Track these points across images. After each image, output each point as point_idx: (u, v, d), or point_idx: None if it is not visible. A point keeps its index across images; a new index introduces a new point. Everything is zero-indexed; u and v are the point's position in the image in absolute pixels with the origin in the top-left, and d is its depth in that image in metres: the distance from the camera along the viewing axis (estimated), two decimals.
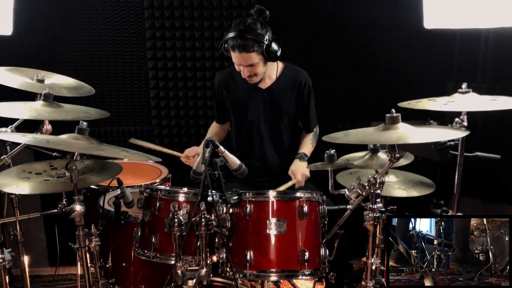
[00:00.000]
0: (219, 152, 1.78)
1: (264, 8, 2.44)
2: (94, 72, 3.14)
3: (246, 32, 2.35)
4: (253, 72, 2.44)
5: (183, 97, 3.19)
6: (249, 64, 2.39)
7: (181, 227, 1.71)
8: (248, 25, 2.38)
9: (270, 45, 2.38)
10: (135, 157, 1.74)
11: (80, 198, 1.87)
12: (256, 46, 2.35)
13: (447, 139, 1.66)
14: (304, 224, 1.77)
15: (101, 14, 3.06)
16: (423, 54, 3.12)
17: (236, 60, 2.43)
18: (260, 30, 2.38)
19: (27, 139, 1.63)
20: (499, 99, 1.82)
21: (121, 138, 3.25)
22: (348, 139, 1.69)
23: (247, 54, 2.36)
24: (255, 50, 2.36)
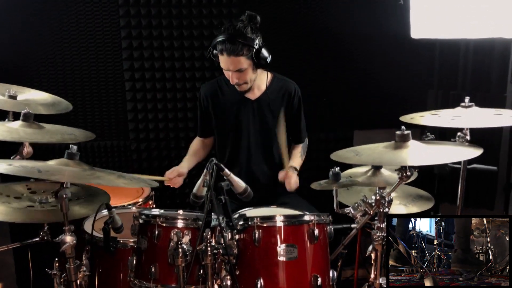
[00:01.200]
0: (224, 176, 1.68)
1: (255, 14, 2.36)
2: (66, 86, 2.96)
3: (236, 35, 2.27)
4: (241, 78, 2.35)
5: (162, 109, 3.06)
6: (238, 69, 2.30)
7: (186, 258, 1.60)
8: (238, 29, 2.30)
9: (260, 50, 2.30)
10: (133, 183, 1.61)
11: (71, 228, 1.72)
12: (245, 50, 2.27)
13: (463, 159, 1.62)
14: (315, 248, 1.70)
15: (74, 25, 2.89)
16: (406, 64, 3.12)
17: (225, 65, 2.34)
18: (250, 34, 2.30)
19: (15, 169, 1.47)
20: (504, 113, 1.81)
21: (96, 154, 3.08)
22: (360, 159, 1.63)
23: (236, 58, 2.27)
24: (245, 54, 2.27)
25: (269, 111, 2.53)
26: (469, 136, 1.88)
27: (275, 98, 2.54)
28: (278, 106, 2.54)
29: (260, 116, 2.54)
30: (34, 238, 2.12)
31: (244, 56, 2.28)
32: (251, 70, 2.35)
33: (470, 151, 1.62)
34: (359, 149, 1.71)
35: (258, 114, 2.53)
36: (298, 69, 3.07)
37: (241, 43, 2.25)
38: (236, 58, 2.27)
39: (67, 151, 1.69)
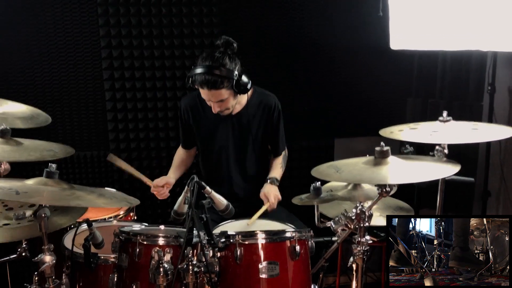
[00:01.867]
0: (206, 193, 1.68)
1: (232, 40, 2.33)
2: (45, 97, 2.92)
3: (214, 68, 2.23)
4: (223, 106, 2.35)
5: (142, 118, 3.04)
6: (219, 100, 2.29)
7: (167, 277, 1.59)
8: (216, 59, 2.26)
9: (239, 79, 2.28)
10: (113, 203, 1.60)
11: (51, 248, 1.70)
12: (225, 82, 2.25)
13: (442, 176, 1.65)
14: (297, 264, 1.71)
15: (52, 35, 2.86)
16: (385, 73, 3.16)
17: (206, 96, 2.33)
18: (229, 64, 2.27)
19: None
20: (479, 127, 1.84)
21: (76, 164, 3.04)
22: (340, 177, 1.64)
23: (216, 91, 2.26)
24: (225, 86, 2.26)
25: (248, 125, 2.52)
26: (447, 150, 1.91)
27: (255, 113, 2.54)
28: (257, 121, 2.54)
29: (239, 130, 2.53)
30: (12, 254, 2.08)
31: (224, 88, 2.26)
32: (232, 98, 2.34)
33: (448, 168, 1.65)
34: (339, 165, 1.73)
35: (238, 129, 2.53)
36: (278, 78, 3.10)
37: (220, 76, 2.23)
38: (217, 91, 2.26)
39: (46, 169, 1.67)
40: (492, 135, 1.77)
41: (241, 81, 2.29)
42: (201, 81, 2.25)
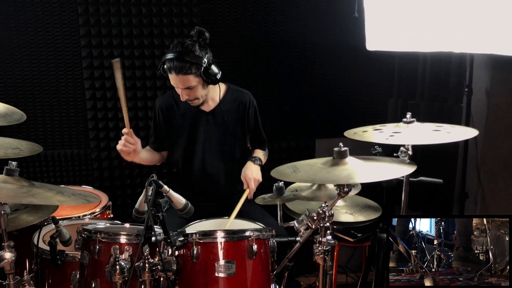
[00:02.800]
0: (163, 192, 1.69)
1: (204, 30, 2.37)
2: (26, 94, 2.94)
3: (183, 54, 2.27)
4: (191, 95, 2.36)
5: (133, 117, 3.05)
6: (186, 86, 2.31)
7: (123, 274, 1.60)
8: (186, 46, 2.30)
9: (209, 68, 2.31)
10: (71, 201, 1.61)
11: (11, 244, 1.72)
12: (193, 68, 2.28)
13: (397, 176, 1.65)
14: (254, 263, 1.71)
15: (32, 32, 2.87)
16: (366, 74, 3.16)
17: (174, 82, 2.35)
18: (198, 52, 2.30)
19: None
20: (442, 129, 1.84)
21: (56, 162, 3.07)
22: (296, 177, 1.64)
23: (184, 76, 2.28)
24: (193, 73, 2.28)
25: (224, 122, 2.54)
26: (411, 151, 1.91)
27: (230, 110, 2.55)
28: (232, 118, 2.56)
29: (215, 128, 2.55)
30: None
31: (192, 75, 2.28)
32: (201, 87, 2.36)
33: (403, 168, 1.65)
34: (298, 165, 1.73)
35: (213, 126, 2.55)
36: (258, 79, 3.11)
37: (188, 61, 2.26)
38: (185, 77, 2.28)
39: (6, 167, 1.69)
40: (453, 137, 1.77)
41: (210, 70, 2.31)
42: (170, 66, 2.29)
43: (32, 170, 3.03)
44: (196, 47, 2.31)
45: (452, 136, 1.78)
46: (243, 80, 2.94)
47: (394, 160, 1.78)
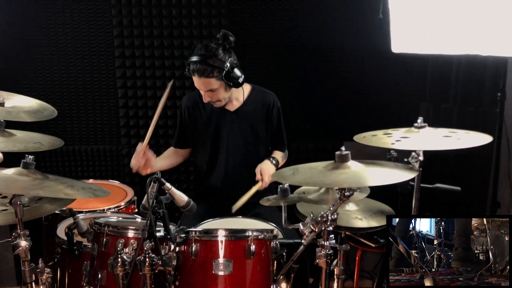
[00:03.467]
0: (166, 189, 1.75)
1: (229, 33, 2.41)
2: (62, 90, 3.10)
3: (206, 57, 2.32)
4: (214, 98, 2.41)
5: (152, 116, 3.13)
6: (208, 89, 2.36)
7: (125, 267, 1.67)
8: (210, 49, 2.35)
9: (231, 71, 2.34)
10: (79, 194, 1.69)
11: (26, 233, 1.83)
12: (215, 71, 2.32)
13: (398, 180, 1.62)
14: (252, 263, 1.73)
15: (69, 33, 3.02)
16: (397, 76, 3.09)
17: (197, 84, 2.41)
18: (221, 55, 2.35)
19: None
20: (454, 135, 1.78)
21: (90, 157, 3.21)
22: (293, 179, 1.64)
23: (206, 79, 2.33)
24: (215, 76, 2.33)
25: (247, 122, 2.58)
26: (422, 157, 1.86)
27: (254, 110, 2.59)
28: (256, 118, 2.59)
29: (238, 127, 2.59)
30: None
31: (214, 78, 2.33)
32: (223, 90, 2.40)
33: (404, 174, 1.62)
34: (299, 168, 1.74)
35: (237, 126, 2.59)
36: (285, 81, 3.12)
37: (211, 65, 2.30)
38: (207, 79, 2.33)
39: (23, 160, 1.79)
40: (462, 143, 1.71)
41: (232, 73, 2.35)
42: (193, 69, 2.35)
43: (68, 164, 3.18)
44: (219, 50, 2.36)
45: (462, 143, 1.71)
46: (270, 81, 2.95)
47: (398, 165, 1.74)
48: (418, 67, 3.11)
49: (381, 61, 3.01)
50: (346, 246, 2.19)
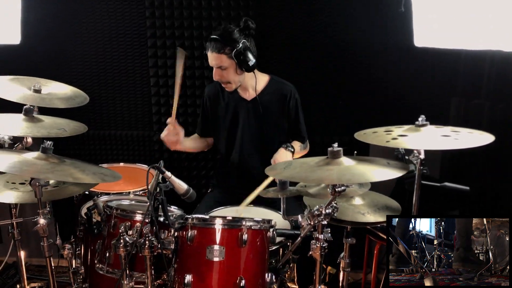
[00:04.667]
0: (166, 178, 1.85)
1: (251, 21, 2.48)
2: (100, 79, 3.29)
3: (221, 34, 2.43)
4: (224, 77, 2.48)
5: (182, 104, 3.27)
6: (219, 66, 2.44)
7: (127, 248, 1.79)
8: (227, 29, 2.45)
9: (242, 52, 2.41)
10: (88, 179, 1.83)
11: (45, 212, 2.00)
12: (227, 49, 2.40)
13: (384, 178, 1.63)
14: (244, 251, 1.80)
15: (106, 24, 3.19)
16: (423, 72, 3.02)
17: (209, 60, 2.50)
18: (236, 35, 2.43)
19: None
20: (453, 135, 1.76)
21: (124, 142, 3.40)
22: (283, 174, 1.70)
23: (217, 54, 2.42)
24: (226, 53, 2.41)
25: (265, 112, 2.63)
26: (423, 156, 1.86)
27: (270, 100, 2.63)
28: (272, 109, 2.64)
29: (254, 116, 2.65)
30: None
31: (225, 55, 2.42)
32: (233, 71, 2.47)
33: (391, 172, 1.62)
34: (294, 162, 1.78)
35: (253, 115, 2.65)
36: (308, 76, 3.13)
37: (224, 41, 2.39)
38: (218, 55, 2.42)
39: (42, 145, 1.95)
40: (459, 144, 1.69)
41: (244, 55, 2.42)
42: (208, 45, 2.47)
43: (99, 147, 3.38)
44: (235, 32, 2.45)
45: (459, 143, 1.69)
46: (294, 74, 2.98)
47: (390, 163, 1.74)
48: (449, 62, 3.02)
49: (408, 55, 2.95)
50: (352, 239, 2.23)
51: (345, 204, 2.13)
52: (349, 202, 2.16)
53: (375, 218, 2.09)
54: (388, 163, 1.73)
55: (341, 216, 2.02)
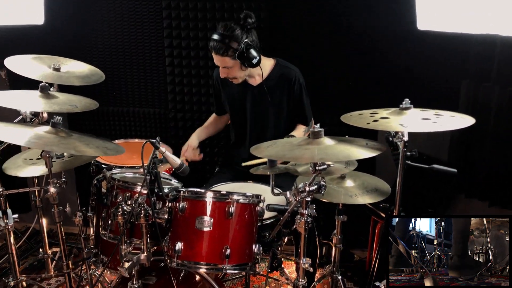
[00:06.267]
0: (160, 152, 1.98)
1: (251, 14, 2.52)
2: (118, 58, 3.46)
3: (223, 36, 2.47)
4: (230, 74, 2.57)
5: (196, 84, 3.39)
6: (224, 66, 2.53)
7: (124, 216, 1.95)
8: (228, 29, 2.48)
9: (245, 52, 2.46)
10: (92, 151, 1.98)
11: (55, 181, 2.18)
12: (230, 51, 2.47)
13: (358, 158, 1.71)
14: (230, 223, 1.93)
15: (125, 5, 3.34)
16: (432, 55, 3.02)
17: (214, 60, 2.59)
18: (238, 36, 2.47)
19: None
20: (434, 118, 1.82)
21: (142, 119, 3.58)
22: (265, 152, 1.80)
23: (221, 57, 2.50)
24: (229, 55, 2.48)
25: (269, 97, 2.72)
26: (407, 137, 1.92)
27: (275, 85, 2.71)
28: (277, 93, 2.72)
29: (260, 102, 2.74)
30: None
31: (229, 57, 2.49)
32: (238, 68, 2.55)
33: (367, 153, 1.70)
34: (278, 142, 1.88)
35: (259, 100, 2.74)
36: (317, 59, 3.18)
37: (226, 44, 2.45)
38: (221, 58, 2.50)
39: (52, 120, 2.11)
40: (436, 126, 1.74)
41: (247, 54, 2.48)
42: (211, 46, 2.53)
43: (118, 123, 3.57)
44: (237, 31, 2.49)
45: (438, 126, 1.75)
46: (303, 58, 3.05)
47: (368, 144, 1.81)
48: (459, 45, 3.01)
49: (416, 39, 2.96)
50: (344, 217, 2.33)
51: (335, 186, 2.22)
52: (340, 184, 2.25)
53: (364, 200, 2.18)
54: (366, 143, 1.80)
55: (331, 198, 2.12)
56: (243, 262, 1.96)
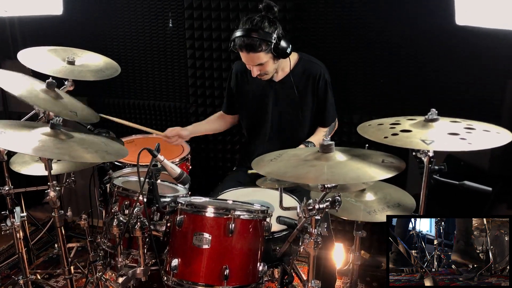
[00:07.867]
0: (158, 161, 1.84)
1: (273, 4, 2.36)
2: (139, 51, 3.34)
3: (253, 31, 2.29)
4: (263, 71, 2.41)
5: (217, 77, 3.24)
6: (258, 63, 2.35)
7: (120, 227, 1.83)
8: (256, 23, 2.31)
9: (278, 43, 2.30)
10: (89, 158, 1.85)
11: (55, 184, 2.08)
12: (264, 45, 2.29)
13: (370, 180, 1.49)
14: (230, 241, 1.77)
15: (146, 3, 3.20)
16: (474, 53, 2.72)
17: (245, 60, 2.40)
18: (268, 28, 2.30)
19: None
20: (463, 133, 1.58)
21: (163, 112, 3.45)
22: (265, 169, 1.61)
23: (255, 54, 2.32)
24: (263, 50, 2.30)
25: (292, 93, 2.53)
26: (432, 153, 1.70)
27: (299, 80, 2.53)
28: (302, 89, 2.53)
29: (283, 98, 2.57)
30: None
31: (263, 52, 2.31)
32: (271, 62, 2.38)
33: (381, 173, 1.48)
34: (285, 154, 1.69)
35: (282, 96, 2.56)
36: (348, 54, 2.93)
37: (258, 39, 2.27)
38: (255, 54, 2.32)
39: (51, 121, 2.00)
40: (469, 145, 1.50)
41: (280, 45, 2.31)
42: (240, 44, 2.34)
43: (139, 117, 3.47)
44: (265, 23, 2.31)
45: (463, 145, 1.51)
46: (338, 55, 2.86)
47: (385, 161, 1.60)
48: (504, 43, 2.70)
49: (457, 37, 2.67)
50: (363, 233, 2.13)
51: (352, 200, 2.01)
52: (358, 197, 2.04)
53: (383, 218, 1.96)
54: (383, 160, 1.58)
55: (348, 214, 1.93)
56: (245, 283, 1.80)
